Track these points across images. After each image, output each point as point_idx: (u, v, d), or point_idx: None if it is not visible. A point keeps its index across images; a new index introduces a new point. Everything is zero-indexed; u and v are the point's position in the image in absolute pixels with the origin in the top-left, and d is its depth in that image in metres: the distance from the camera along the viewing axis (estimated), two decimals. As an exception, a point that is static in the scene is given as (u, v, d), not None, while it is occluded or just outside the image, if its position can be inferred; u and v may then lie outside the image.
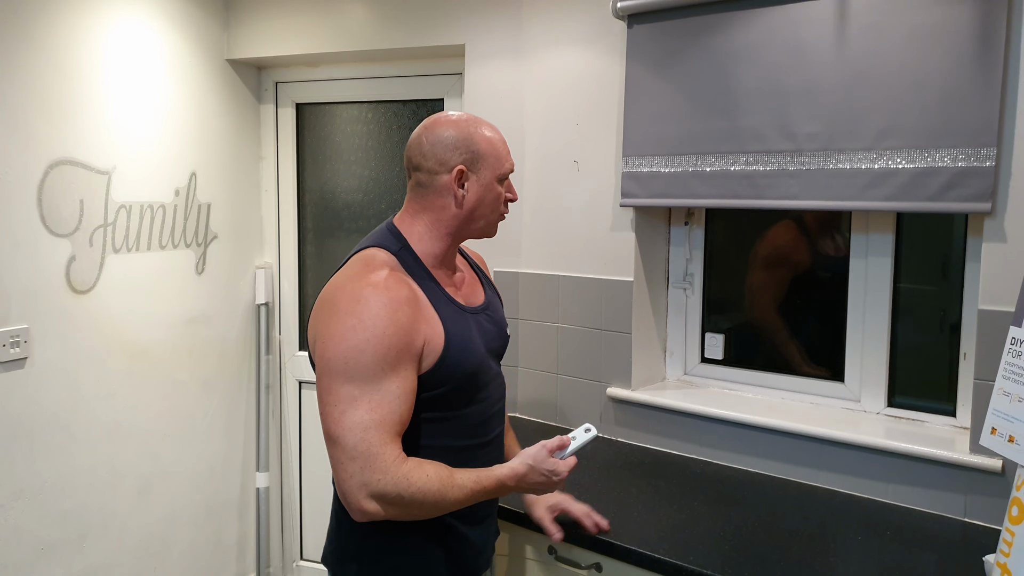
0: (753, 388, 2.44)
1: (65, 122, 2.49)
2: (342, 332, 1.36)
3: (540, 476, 1.52)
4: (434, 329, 1.46)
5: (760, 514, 1.93)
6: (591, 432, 1.59)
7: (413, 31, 2.73)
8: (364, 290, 1.39)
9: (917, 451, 1.95)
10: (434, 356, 1.45)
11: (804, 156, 2.05)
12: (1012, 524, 1.31)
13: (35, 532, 2.47)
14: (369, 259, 1.48)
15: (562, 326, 2.58)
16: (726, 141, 2.17)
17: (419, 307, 1.44)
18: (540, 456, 1.52)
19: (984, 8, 1.80)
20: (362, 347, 1.35)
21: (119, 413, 2.72)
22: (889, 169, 1.93)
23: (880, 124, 1.94)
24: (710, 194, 2.22)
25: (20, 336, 2.39)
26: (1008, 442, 1.34)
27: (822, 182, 2.03)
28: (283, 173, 3.27)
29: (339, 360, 1.36)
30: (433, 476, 1.39)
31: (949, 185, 1.86)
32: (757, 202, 2.14)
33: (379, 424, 1.35)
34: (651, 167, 2.31)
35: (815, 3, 2.02)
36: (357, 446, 1.34)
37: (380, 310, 1.37)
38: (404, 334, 1.39)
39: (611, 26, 2.39)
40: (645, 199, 2.34)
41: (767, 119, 2.10)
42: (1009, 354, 1.38)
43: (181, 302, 2.95)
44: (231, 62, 3.10)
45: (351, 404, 1.35)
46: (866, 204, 1.97)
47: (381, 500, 1.35)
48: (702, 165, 2.22)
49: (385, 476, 1.34)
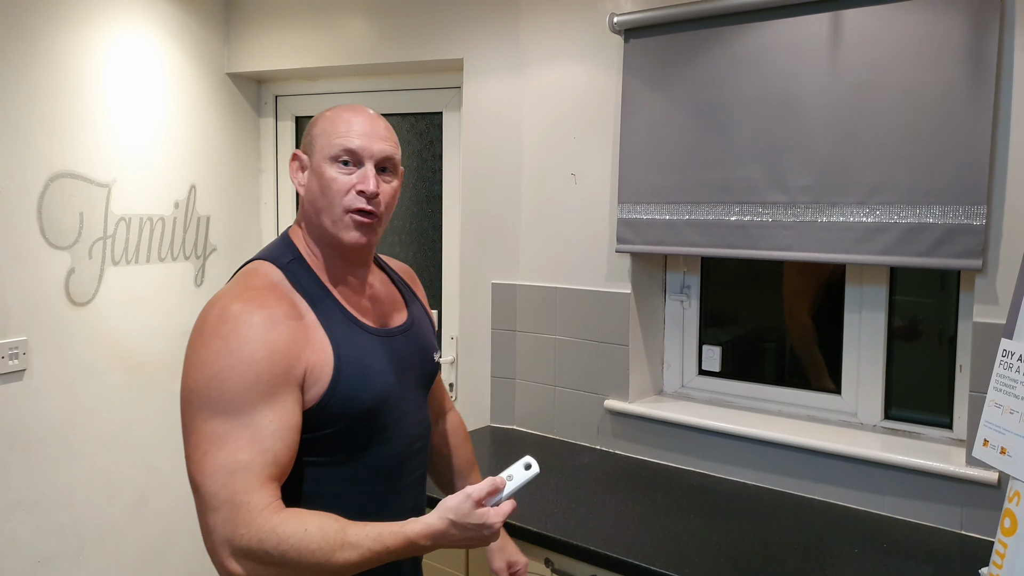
0: (750, 400, 2.44)
1: (66, 135, 2.51)
2: (204, 357, 1.15)
3: (466, 532, 1.19)
4: (320, 355, 1.22)
5: (756, 527, 1.93)
6: (532, 469, 1.27)
7: (412, 45, 2.75)
8: (233, 307, 1.17)
9: (913, 463, 1.95)
10: (320, 387, 1.21)
11: (798, 208, 2.07)
12: (1004, 536, 1.31)
13: (32, 545, 2.47)
14: (250, 273, 1.27)
15: (559, 338, 2.59)
16: (720, 191, 2.19)
17: (302, 328, 1.22)
18: (464, 508, 1.19)
19: (974, 69, 1.82)
20: (226, 374, 1.13)
21: (117, 425, 2.72)
22: (881, 224, 1.95)
23: (872, 179, 1.96)
24: (704, 243, 2.24)
25: (19, 348, 2.39)
26: (1000, 454, 1.34)
27: (816, 234, 2.05)
28: (282, 186, 3.29)
29: (201, 391, 1.14)
30: (314, 531, 1.11)
31: (940, 241, 1.88)
32: (751, 252, 2.16)
33: (247, 467, 1.11)
34: (646, 214, 2.33)
35: (808, 58, 2.03)
36: (218, 493, 1.10)
37: (249, 330, 1.15)
38: (280, 358, 1.16)
39: (608, 40, 2.41)
40: (640, 246, 2.36)
41: (761, 170, 2.12)
42: (1000, 366, 1.38)
43: (180, 314, 2.95)
44: (231, 76, 3.12)
45: (214, 444, 1.12)
46: (859, 258, 1.99)
47: (247, 558, 1.11)
48: (697, 214, 2.24)
49: (249, 530, 1.09)
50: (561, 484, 2.19)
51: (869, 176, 1.96)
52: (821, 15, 2.01)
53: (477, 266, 2.72)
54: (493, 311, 2.70)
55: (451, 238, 2.93)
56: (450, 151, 2.91)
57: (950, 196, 1.86)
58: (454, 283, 2.92)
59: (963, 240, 1.85)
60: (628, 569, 1.74)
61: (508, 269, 2.68)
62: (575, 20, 2.48)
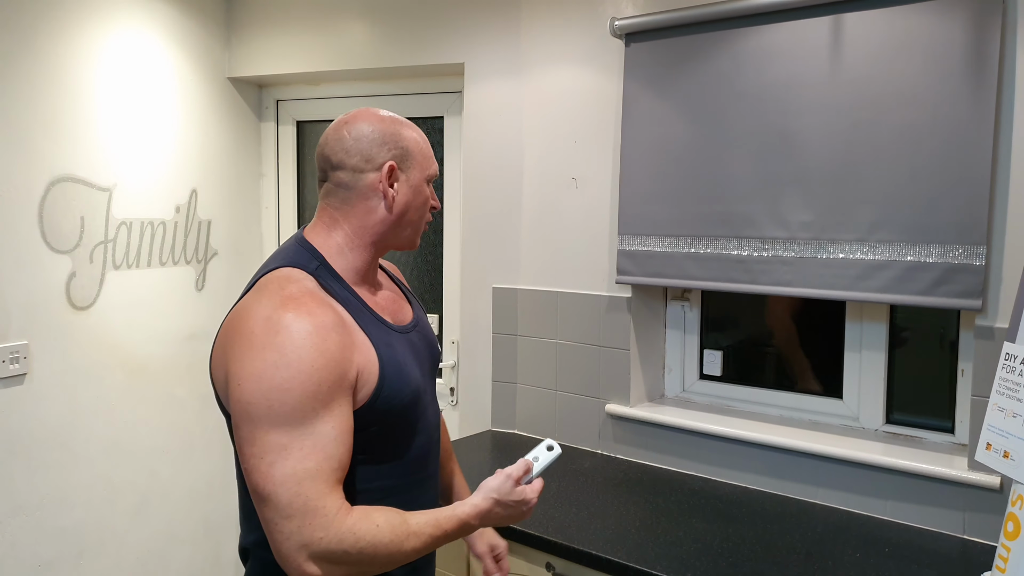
0: (752, 405, 2.44)
1: (67, 139, 2.51)
2: (262, 370, 1.16)
3: (507, 509, 1.34)
4: (366, 356, 1.27)
5: (758, 531, 1.92)
6: (555, 450, 1.42)
7: (413, 50, 2.76)
8: (283, 317, 1.18)
9: (915, 468, 1.95)
10: (369, 388, 1.26)
11: (798, 244, 2.07)
12: (1007, 540, 1.31)
13: (33, 549, 2.46)
14: (283, 280, 1.27)
15: (560, 342, 2.59)
16: (720, 225, 2.20)
17: (348, 332, 1.25)
18: (506, 488, 1.34)
19: (973, 112, 1.82)
20: (287, 386, 1.15)
21: (118, 429, 2.72)
22: (881, 261, 1.95)
23: (872, 216, 1.96)
24: (704, 276, 2.24)
25: (20, 352, 2.39)
26: (1003, 458, 1.34)
27: (816, 270, 2.05)
28: (283, 190, 3.29)
29: (261, 403, 1.16)
30: (384, 526, 1.20)
31: (940, 280, 1.88)
32: (751, 287, 2.16)
33: (315, 474, 1.16)
34: (646, 246, 2.34)
35: (807, 94, 2.04)
36: (292, 502, 1.14)
37: (304, 340, 1.17)
38: (335, 365, 1.20)
39: (609, 45, 2.41)
40: (640, 277, 2.36)
41: (760, 205, 2.13)
42: (1003, 369, 1.38)
43: (181, 319, 2.95)
44: (232, 80, 3.12)
45: (280, 454, 1.15)
46: (859, 295, 1.99)
47: (325, 560, 1.16)
48: (697, 247, 2.24)
49: (328, 533, 1.15)
50: (562, 488, 2.19)
51: (869, 213, 1.96)
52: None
53: (478, 270, 2.72)
54: (494, 315, 2.70)
55: (452, 242, 2.93)
56: (451, 155, 2.91)
57: (950, 235, 1.86)
58: (455, 287, 2.92)
59: (963, 280, 1.85)
60: (630, 573, 1.73)
61: (509, 273, 2.68)
62: (576, 24, 2.48)
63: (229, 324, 1.26)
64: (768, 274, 2.13)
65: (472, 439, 2.64)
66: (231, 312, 1.28)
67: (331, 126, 1.38)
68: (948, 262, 1.86)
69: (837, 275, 2.02)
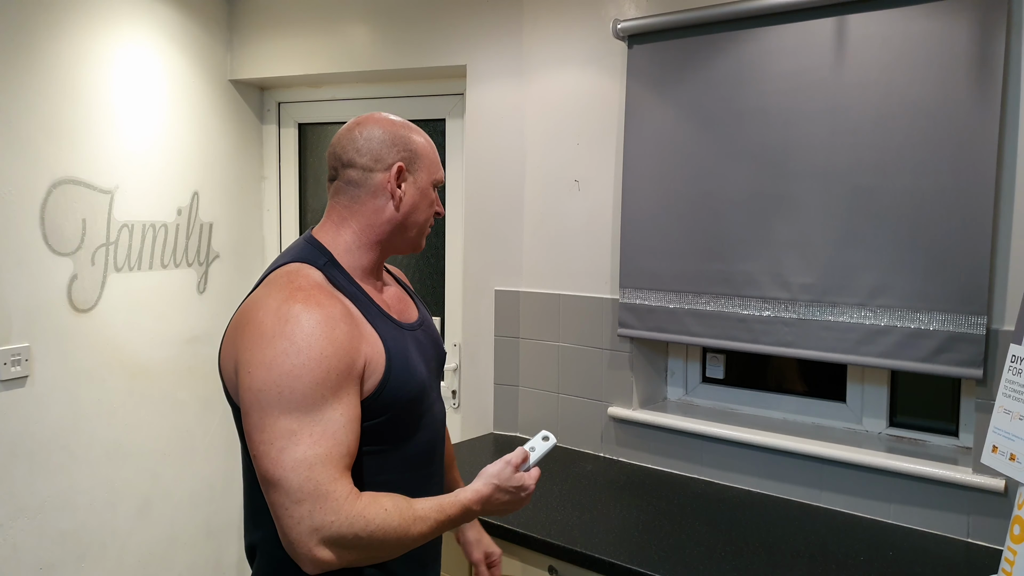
0: (754, 408, 2.43)
1: (68, 141, 2.51)
2: (272, 357, 1.19)
3: (507, 495, 1.38)
4: (374, 348, 1.30)
5: (761, 534, 1.92)
6: (550, 440, 1.47)
7: (415, 52, 2.76)
8: (293, 307, 1.22)
9: (919, 471, 1.94)
10: (375, 379, 1.30)
11: (799, 306, 2.07)
12: (1014, 543, 1.31)
13: (34, 552, 2.46)
14: (292, 274, 1.31)
15: (563, 345, 2.58)
16: (722, 283, 2.20)
17: (356, 324, 1.29)
18: (505, 473, 1.38)
19: (972, 186, 1.82)
20: (297, 372, 1.18)
21: (119, 432, 2.72)
22: (882, 327, 1.95)
23: (873, 281, 1.96)
24: (706, 334, 2.24)
25: (21, 355, 2.39)
26: (1009, 460, 1.33)
27: (817, 333, 2.05)
28: (285, 193, 3.29)
29: (271, 390, 1.18)
30: (392, 510, 1.23)
31: (941, 348, 1.88)
32: (753, 346, 2.16)
33: (325, 459, 1.18)
34: (647, 300, 2.34)
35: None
36: (303, 487, 1.16)
37: (314, 328, 1.21)
38: (344, 354, 1.23)
39: (611, 47, 2.41)
40: (642, 331, 2.37)
41: (761, 265, 2.13)
42: (1009, 371, 1.37)
43: (182, 321, 2.95)
44: (234, 82, 3.12)
45: (290, 439, 1.17)
46: (860, 359, 1.99)
47: (336, 545, 1.18)
48: (698, 304, 2.24)
49: (338, 517, 1.17)
50: (565, 491, 2.18)
51: (870, 278, 1.96)
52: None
53: (480, 273, 2.72)
54: (496, 318, 2.70)
55: (454, 245, 2.93)
56: (453, 157, 2.91)
57: (951, 304, 1.86)
58: (457, 290, 2.92)
59: (964, 349, 1.85)
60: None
61: (511, 276, 2.68)
62: (578, 26, 2.48)
63: (239, 317, 1.30)
64: (770, 334, 2.13)
65: (474, 442, 2.63)
66: (241, 306, 1.32)
67: (344, 127, 1.43)
68: (949, 331, 1.86)
69: (839, 338, 2.02)
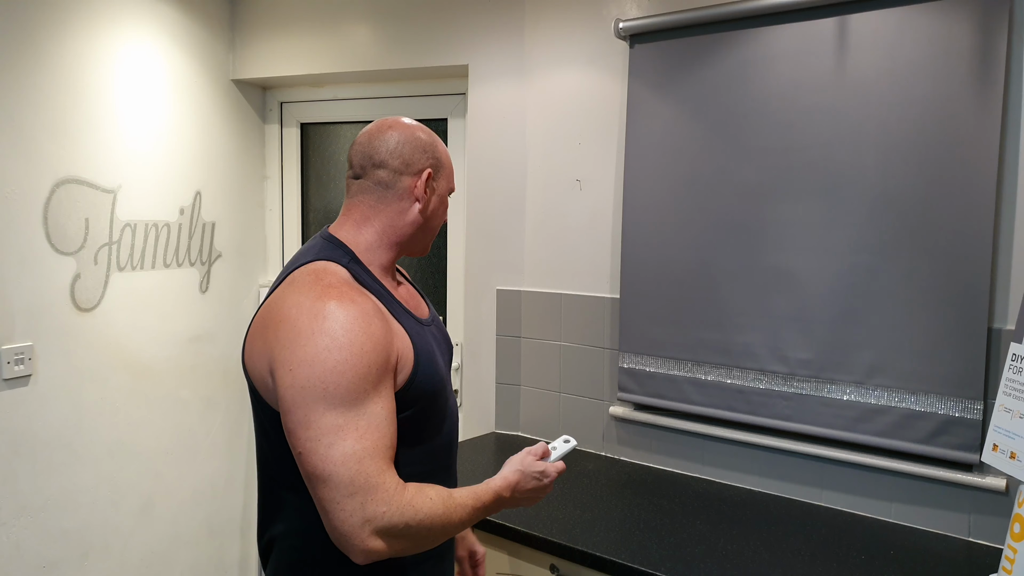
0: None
1: (71, 141, 2.52)
2: (314, 354, 1.21)
3: (531, 481, 1.45)
4: (403, 342, 1.34)
5: (762, 533, 1.92)
6: (571, 443, 1.56)
7: (417, 52, 2.76)
8: (328, 304, 1.24)
9: (920, 470, 1.94)
10: (405, 373, 1.33)
11: (797, 381, 2.08)
12: (1014, 541, 1.31)
13: (37, 550, 2.47)
14: (320, 272, 1.32)
15: (564, 344, 2.59)
16: (721, 353, 2.21)
17: (386, 319, 1.32)
18: (527, 460, 1.46)
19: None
20: (341, 368, 1.20)
21: (122, 431, 2.72)
22: (879, 407, 1.96)
23: (870, 360, 1.97)
24: (705, 403, 2.25)
25: (24, 353, 2.40)
26: (1009, 459, 1.33)
27: (815, 408, 2.06)
28: (287, 192, 3.30)
29: (316, 387, 1.20)
30: (436, 499, 1.27)
31: (938, 431, 1.89)
32: (750, 418, 2.17)
33: (372, 452, 1.21)
34: (648, 367, 2.35)
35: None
36: (354, 480, 1.18)
37: (352, 324, 1.23)
38: (381, 348, 1.26)
39: (613, 46, 2.41)
40: (642, 396, 2.37)
41: (759, 338, 2.13)
42: (1010, 370, 1.38)
43: (185, 320, 2.96)
44: (236, 82, 3.13)
45: (337, 435, 1.19)
46: (857, 437, 2.00)
47: (387, 535, 1.20)
48: (697, 372, 2.25)
49: (390, 507, 1.20)
50: (567, 490, 2.18)
51: (867, 357, 1.97)
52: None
53: (482, 272, 2.72)
54: (498, 317, 2.70)
55: (456, 244, 2.93)
56: (455, 157, 2.91)
57: (948, 387, 1.86)
58: (459, 289, 2.92)
59: (960, 432, 1.86)
60: (633, 575, 1.73)
61: (513, 275, 2.68)
62: (580, 26, 2.48)
63: (265, 317, 1.30)
64: (767, 407, 2.13)
65: (476, 441, 2.64)
66: (263, 306, 1.33)
67: (373, 127, 1.45)
68: (946, 414, 1.87)
69: (836, 415, 2.03)
